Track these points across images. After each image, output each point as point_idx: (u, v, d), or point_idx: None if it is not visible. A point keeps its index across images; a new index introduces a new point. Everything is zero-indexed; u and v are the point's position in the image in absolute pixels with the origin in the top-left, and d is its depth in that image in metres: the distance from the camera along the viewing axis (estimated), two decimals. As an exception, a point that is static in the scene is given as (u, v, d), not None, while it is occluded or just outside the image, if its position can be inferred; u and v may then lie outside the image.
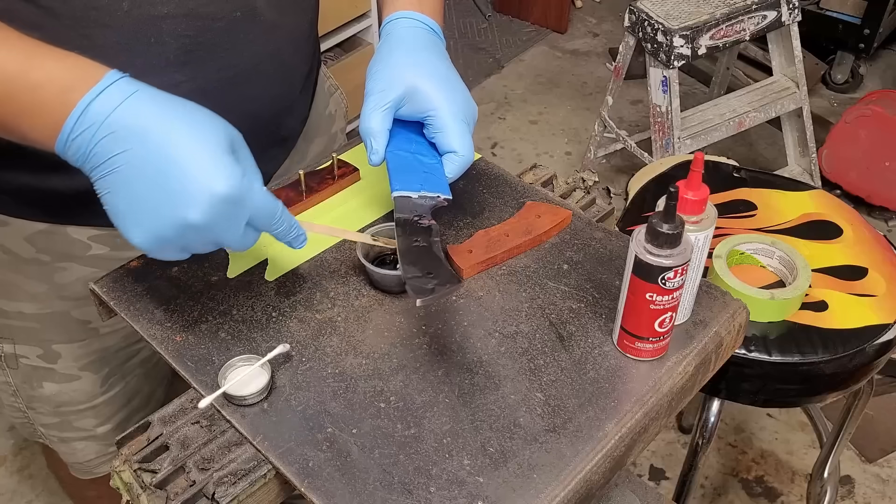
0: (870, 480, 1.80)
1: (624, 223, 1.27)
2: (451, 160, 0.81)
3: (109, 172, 0.65)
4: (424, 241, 0.76)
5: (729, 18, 2.05)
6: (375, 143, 0.81)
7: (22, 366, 1.02)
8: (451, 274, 0.73)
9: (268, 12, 0.87)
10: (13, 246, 0.93)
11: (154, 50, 0.79)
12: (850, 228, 1.24)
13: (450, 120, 0.81)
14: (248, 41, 0.86)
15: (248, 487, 0.70)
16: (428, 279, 0.72)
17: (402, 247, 0.76)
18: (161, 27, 0.79)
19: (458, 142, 0.81)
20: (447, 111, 0.81)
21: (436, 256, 0.75)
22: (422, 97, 0.81)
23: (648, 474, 1.82)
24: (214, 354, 0.78)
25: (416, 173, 0.81)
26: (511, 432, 0.71)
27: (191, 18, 0.80)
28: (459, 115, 0.81)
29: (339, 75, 1.19)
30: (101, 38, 0.77)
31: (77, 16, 0.75)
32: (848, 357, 1.08)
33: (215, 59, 0.84)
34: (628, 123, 2.79)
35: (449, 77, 0.83)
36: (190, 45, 0.81)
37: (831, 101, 2.90)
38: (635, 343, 0.76)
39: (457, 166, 0.81)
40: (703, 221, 0.77)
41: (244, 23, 0.84)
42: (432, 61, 0.84)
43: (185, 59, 0.82)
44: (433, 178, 0.81)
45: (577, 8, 3.45)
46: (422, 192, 0.79)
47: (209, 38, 0.82)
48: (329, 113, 1.14)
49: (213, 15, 0.81)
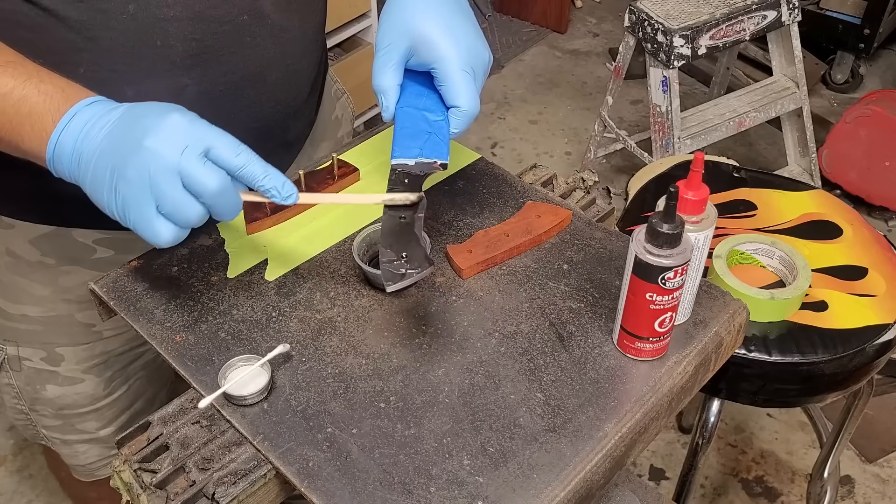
0: (870, 480, 1.80)
1: (624, 223, 1.27)
2: (455, 115, 0.78)
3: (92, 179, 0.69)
4: (409, 218, 0.76)
5: (729, 18, 2.05)
6: (386, 100, 0.79)
7: (25, 368, 1.02)
8: (424, 257, 0.74)
9: (275, 15, 0.86)
10: (18, 249, 0.93)
11: (160, 53, 0.79)
12: (850, 228, 1.24)
13: (453, 72, 0.77)
14: (255, 45, 0.85)
15: (248, 487, 0.70)
16: (401, 263, 0.73)
17: (385, 225, 0.76)
18: (167, 30, 0.78)
19: (460, 96, 0.77)
20: (451, 62, 0.77)
21: (414, 236, 0.75)
22: (426, 48, 0.77)
23: (648, 474, 1.82)
24: (214, 354, 0.78)
25: (419, 135, 0.78)
26: (511, 432, 0.71)
27: (197, 21, 0.80)
28: (464, 65, 0.77)
29: (339, 75, 1.19)
30: (106, 41, 0.77)
31: (82, 18, 0.75)
32: (848, 357, 1.08)
33: (222, 63, 0.84)
34: (628, 123, 2.79)
35: (454, 24, 0.78)
36: (196, 49, 0.81)
37: (831, 101, 2.89)
38: (635, 343, 0.76)
39: (461, 121, 0.78)
40: (703, 221, 0.77)
41: (251, 26, 0.84)
42: (439, 7, 0.79)
43: (191, 63, 0.81)
44: (434, 140, 0.78)
45: (577, 8, 3.45)
46: (419, 159, 0.77)
47: (216, 41, 0.82)
48: (336, 117, 1.14)
49: (220, 18, 0.81)
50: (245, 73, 0.86)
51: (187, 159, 0.65)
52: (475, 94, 0.78)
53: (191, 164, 0.65)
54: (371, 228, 0.87)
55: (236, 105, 0.88)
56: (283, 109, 0.95)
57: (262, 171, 0.69)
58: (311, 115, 1.05)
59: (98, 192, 0.68)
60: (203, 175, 0.66)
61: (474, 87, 0.78)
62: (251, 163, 0.69)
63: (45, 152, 0.69)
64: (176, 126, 0.66)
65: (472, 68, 0.78)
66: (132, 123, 0.67)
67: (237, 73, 0.86)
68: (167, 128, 0.65)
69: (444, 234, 0.91)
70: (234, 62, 0.85)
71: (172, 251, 0.88)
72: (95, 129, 0.67)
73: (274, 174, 0.70)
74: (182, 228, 0.68)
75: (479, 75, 0.79)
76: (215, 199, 0.67)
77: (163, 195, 0.66)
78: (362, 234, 0.86)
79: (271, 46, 0.87)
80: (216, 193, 0.67)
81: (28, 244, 0.93)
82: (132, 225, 0.67)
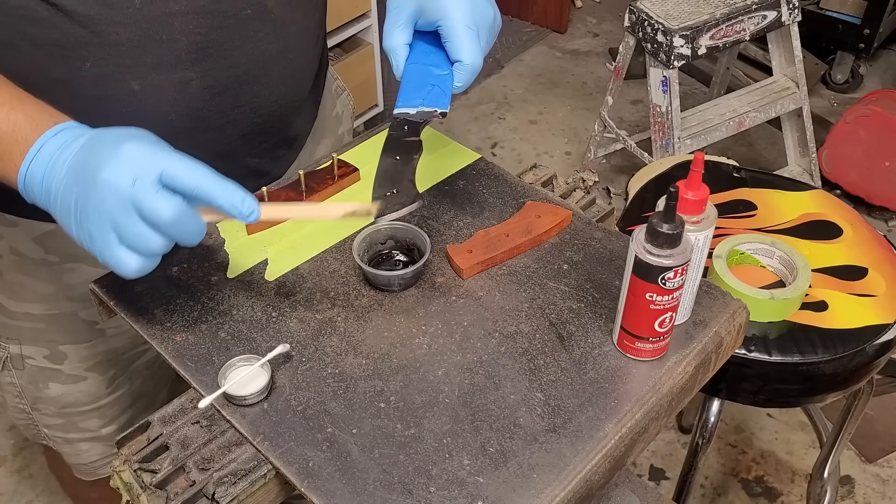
0: (870, 480, 1.80)
1: (624, 223, 1.27)
2: (458, 70, 0.80)
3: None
4: (403, 158, 0.80)
5: (729, 18, 2.05)
6: (395, 58, 0.82)
7: (28, 367, 1.02)
8: (413, 193, 0.77)
9: (277, 10, 0.87)
10: (22, 247, 0.93)
11: (166, 47, 0.80)
12: (850, 228, 1.24)
13: (457, 28, 0.79)
14: (258, 39, 0.86)
15: (248, 487, 0.70)
16: (391, 197, 0.77)
17: (380, 166, 0.79)
18: (173, 24, 0.79)
19: (463, 50, 0.79)
20: (455, 19, 0.79)
21: (405, 172, 0.79)
22: (432, 6, 0.80)
23: (648, 474, 1.82)
24: (214, 354, 0.78)
25: (423, 87, 0.82)
26: (511, 432, 0.71)
27: (202, 15, 0.80)
28: (468, 21, 0.79)
29: (339, 75, 1.19)
30: (112, 36, 0.77)
31: (89, 13, 0.75)
32: (848, 357, 1.08)
33: (226, 57, 0.84)
34: (628, 123, 2.79)
35: None
36: (201, 43, 0.81)
37: (831, 101, 2.89)
38: (635, 343, 0.76)
39: (464, 75, 0.80)
40: (703, 221, 0.77)
41: (254, 21, 0.85)
42: None
43: (196, 57, 0.82)
44: (437, 92, 0.82)
45: (577, 8, 3.44)
46: (420, 108, 0.81)
47: (220, 35, 0.82)
48: (336, 114, 1.14)
49: (225, 12, 0.82)
50: (248, 68, 0.87)
51: (140, 190, 0.64)
52: (478, 48, 0.80)
53: (144, 194, 0.64)
54: (371, 228, 0.87)
55: (240, 100, 0.88)
56: (286, 104, 0.95)
57: (219, 189, 0.66)
58: (313, 111, 1.06)
59: (66, 223, 0.68)
60: (156, 205, 0.64)
61: (477, 42, 0.80)
62: (207, 182, 0.66)
63: (18, 184, 0.69)
64: (128, 156, 0.64)
65: (476, 24, 0.80)
66: (89, 157, 0.66)
67: (241, 68, 0.86)
68: (120, 159, 0.64)
69: (444, 234, 0.91)
70: (237, 56, 0.85)
71: (172, 251, 0.88)
72: (59, 161, 0.67)
73: (232, 192, 0.67)
74: (150, 258, 0.67)
75: (484, 31, 0.81)
76: (172, 228, 0.65)
77: (122, 228, 0.65)
78: (362, 234, 0.86)
79: (274, 41, 0.88)
80: (171, 223, 0.65)
81: (31, 242, 0.93)
82: (99, 257, 0.67)
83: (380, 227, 0.86)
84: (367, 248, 0.87)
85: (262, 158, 0.97)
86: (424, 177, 0.98)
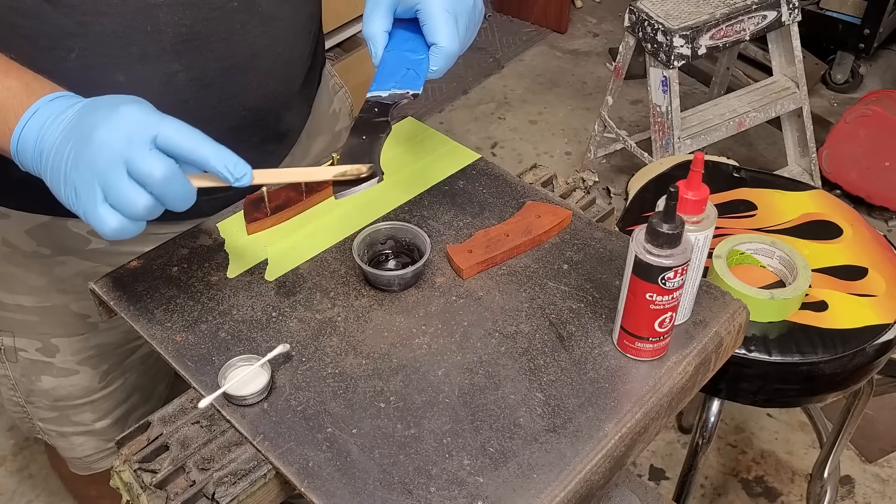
0: (870, 480, 1.80)
1: (624, 223, 1.27)
2: (434, 53, 0.80)
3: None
4: (370, 137, 0.77)
5: (729, 18, 2.05)
6: (374, 46, 0.82)
7: (21, 359, 1.02)
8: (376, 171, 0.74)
9: (265, 3, 0.86)
10: (14, 239, 0.94)
11: (151, 38, 0.79)
12: (850, 228, 1.23)
13: (434, 11, 0.79)
14: (245, 32, 0.86)
15: (248, 487, 0.70)
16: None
17: (346, 146, 0.77)
18: (158, 15, 0.79)
19: (439, 33, 0.79)
20: (432, 3, 0.79)
21: (370, 150, 0.76)
22: None
23: (648, 474, 1.82)
24: (214, 354, 0.78)
25: (398, 71, 0.81)
26: (511, 432, 0.71)
27: (187, 7, 0.80)
28: (446, 5, 0.79)
29: (339, 75, 1.19)
30: (97, 26, 0.77)
31: (74, 3, 0.75)
32: (848, 357, 1.08)
33: (212, 50, 0.84)
34: (628, 123, 2.79)
35: None
36: (186, 35, 0.81)
37: (831, 101, 2.89)
38: (635, 343, 0.76)
39: (440, 59, 0.79)
40: (703, 221, 0.77)
41: (241, 13, 0.84)
42: None
43: (181, 49, 0.82)
44: (411, 75, 0.81)
45: (577, 8, 3.44)
46: (392, 91, 0.80)
47: (205, 27, 0.82)
48: (333, 111, 1.14)
49: (211, 4, 0.81)
50: (235, 61, 0.86)
51: (133, 148, 0.64)
52: (454, 32, 0.79)
53: (136, 152, 0.64)
54: (371, 228, 0.87)
55: (227, 93, 0.88)
56: (275, 99, 0.95)
57: (212, 151, 0.67)
58: (305, 107, 1.05)
59: (56, 184, 0.68)
60: (148, 163, 0.64)
61: (454, 26, 0.79)
62: (202, 145, 0.66)
63: (10, 147, 0.69)
64: (125, 117, 0.65)
65: (454, 9, 0.79)
66: (86, 117, 0.66)
67: (227, 61, 0.86)
68: (116, 119, 0.65)
69: (444, 234, 0.91)
70: (224, 49, 0.85)
71: (172, 251, 0.88)
72: (55, 124, 0.67)
73: (225, 153, 0.67)
74: (132, 220, 0.66)
75: (463, 17, 0.81)
76: (162, 186, 0.65)
77: (108, 185, 0.64)
78: (362, 234, 0.86)
79: (262, 34, 0.87)
80: (162, 181, 0.65)
81: (23, 234, 0.93)
82: (81, 213, 0.67)
83: (380, 227, 0.86)
84: (367, 248, 0.87)
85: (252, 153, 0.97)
86: (425, 177, 0.98)
